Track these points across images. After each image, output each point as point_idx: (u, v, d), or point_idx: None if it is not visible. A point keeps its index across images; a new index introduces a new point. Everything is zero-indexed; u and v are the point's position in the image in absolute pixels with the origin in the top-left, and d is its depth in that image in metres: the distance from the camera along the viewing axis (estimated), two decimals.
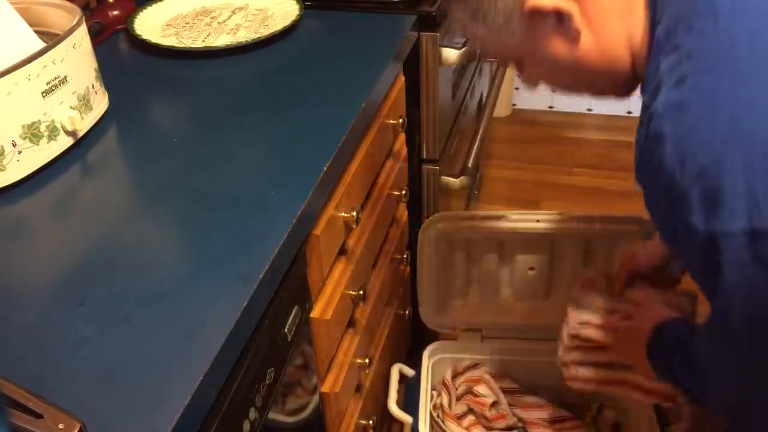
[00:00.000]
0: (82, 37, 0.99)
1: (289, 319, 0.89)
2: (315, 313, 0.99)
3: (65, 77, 0.95)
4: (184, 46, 1.27)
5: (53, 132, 0.94)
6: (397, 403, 1.35)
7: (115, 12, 1.33)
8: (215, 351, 0.68)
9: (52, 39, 0.95)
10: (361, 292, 1.09)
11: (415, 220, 1.50)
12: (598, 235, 1.34)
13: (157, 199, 0.90)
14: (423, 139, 1.48)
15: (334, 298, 1.02)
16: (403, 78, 1.35)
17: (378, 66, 1.17)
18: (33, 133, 0.91)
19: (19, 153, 0.90)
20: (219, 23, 1.35)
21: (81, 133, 0.99)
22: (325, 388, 1.06)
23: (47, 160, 0.95)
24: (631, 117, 2.82)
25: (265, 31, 1.28)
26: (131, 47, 1.29)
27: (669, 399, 1.05)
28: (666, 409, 1.26)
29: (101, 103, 1.05)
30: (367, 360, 1.17)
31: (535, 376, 1.44)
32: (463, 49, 1.43)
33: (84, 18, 1.01)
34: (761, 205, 0.63)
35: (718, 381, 0.80)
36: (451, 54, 1.41)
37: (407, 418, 1.32)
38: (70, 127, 0.96)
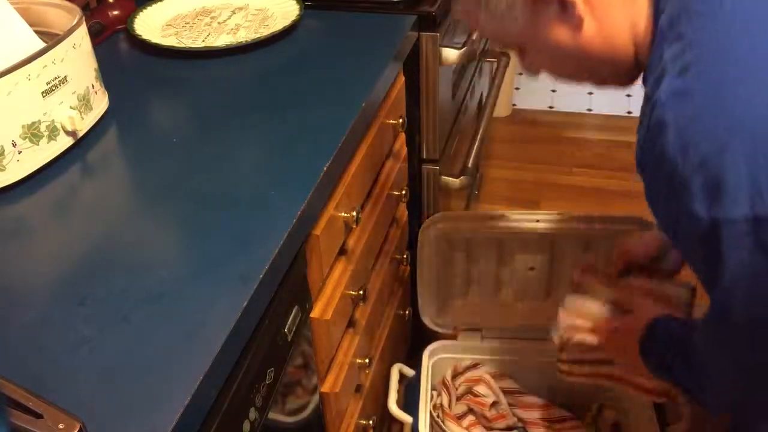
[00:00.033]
0: (82, 37, 0.99)
1: (289, 319, 0.89)
2: (315, 313, 0.99)
3: (65, 77, 0.95)
4: (184, 46, 1.27)
5: (53, 132, 0.94)
6: (397, 403, 1.35)
7: (115, 12, 1.33)
8: (215, 351, 0.68)
9: (52, 39, 0.95)
10: (361, 292, 1.09)
11: (415, 220, 1.50)
12: (598, 235, 1.34)
13: (157, 199, 0.90)
14: (423, 139, 1.48)
15: (334, 298, 1.02)
16: (403, 78, 1.35)
17: (378, 66, 1.17)
18: (33, 133, 0.91)
19: (19, 153, 0.90)
20: (219, 23, 1.35)
21: (81, 133, 0.99)
22: (325, 388, 1.06)
23: (47, 160, 0.95)
24: (631, 117, 2.81)
25: (265, 31, 1.28)
26: (131, 47, 1.29)
27: (663, 396, 1.05)
28: (666, 409, 1.26)
29: (101, 103, 1.05)
30: (367, 360, 1.17)
31: (535, 376, 1.44)
32: (463, 49, 1.43)
33: (84, 18, 1.01)
34: (764, 193, 0.63)
35: (718, 379, 0.80)
36: (451, 54, 1.41)
37: (407, 418, 1.32)
38: (70, 127, 0.96)
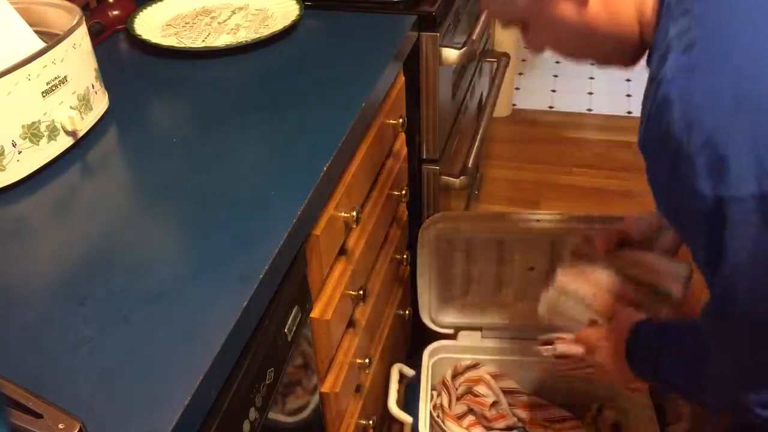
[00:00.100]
0: (82, 37, 0.99)
1: (289, 319, 0.89)
2: (315, 313, 0.99)
3: (65, 77, 0.95)
4: (184, 46, 1.27)
5: (53, 132, 0.94)
6: (397, 403, 1.35)
7: (115, 12, 1.33)
8: (215, 351, 0.68)
9: (52, 39, 0.95)
10: (361, 292, 1.09)
11: (415, 220, 1.50)
12: None
13: (157, 199, 0.90)
14: (423, 139, 1.48)
15: (334, 298, 1.02)
16: (403, 78, 1.35)
17: (378, 66, 1.17)
18: (33, 133, 0.91)
19: (19, 153, 0.90)
20: (219, 23, 1.35)
21: (81, 133, 0.99)
22: (325, 388, 1.06)
23: (47, 160, 0.95)
24: (631, 117, 2.81)
25: (265, 31, 1.28)
26: (131, 47, 1.29)
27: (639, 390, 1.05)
28: (666, 409, 1.26)
29: (101, 103, 1.05)
30: (367, 360, 1.17)
31: (535, 376, 1.45)
32: (463, 49, 1.43)
33: (84, 18, 1.01)
34: None
35: (718, 378, 0.80)
36: (451, 54, 1.41)
37: (407, 418, 1.32)
38: (70, 127, 0.96)
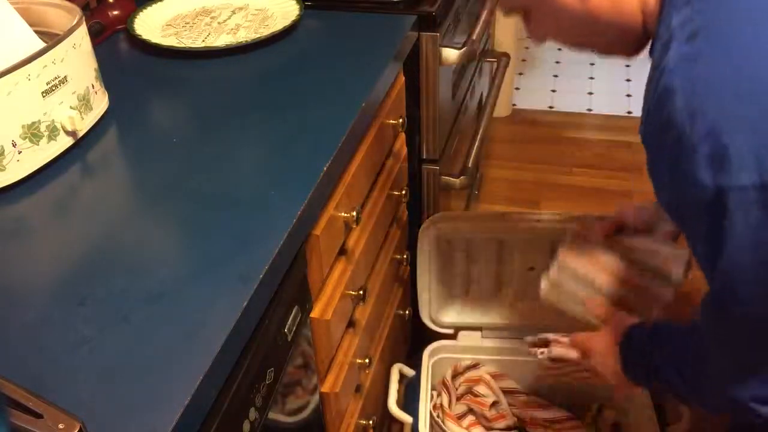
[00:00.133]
0: (82, 37, 0.99)
1: (289, 319, 0.89)
2: (315, 313, 0.99)
3: (65, 77, 0.95)
4: (184, 46, 1.26)
5: (53, 132, 0.94)
6: (397, 403, 1.35)
7: (115, 12, 1.33)
8: (215, 351, 0.68)
9: (52, 39, 0.94)
10: (361, 292, 1.09)
11: (415, 220, 1.50)
12: None
13: (157, 199, 0.90)
14: (423, 139, 1.48)
15: (334, 298, 1.02)
16: (403, 78, 1.35)
17: (378, 66, 1.17)
18: (33, 133, 0.91)
19: (19, 153, 0.90)
20: (219, 23, 1.35)
21: (81, 133, 0.99)
22: (325, 388, 1.06)
23: (47, 160, 0.95)
24: (631, 117, 2.81)
25: (265, 31, 1.28)
26: (131, 47, 1.29)
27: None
28: (666, 409, 1.26)
29: (101, 103, 1.05)
30: (367, 360, 1.17)
31: (535, 376, 1.44)
32: (463, 49, 1.43)
33: (84, 18, 1.01)
34: None
35: (718, 378, 0.79)
36: (451, 54, 1.41)
37: (407, 418, 1.32)
38: (70, 127, 0.96)
